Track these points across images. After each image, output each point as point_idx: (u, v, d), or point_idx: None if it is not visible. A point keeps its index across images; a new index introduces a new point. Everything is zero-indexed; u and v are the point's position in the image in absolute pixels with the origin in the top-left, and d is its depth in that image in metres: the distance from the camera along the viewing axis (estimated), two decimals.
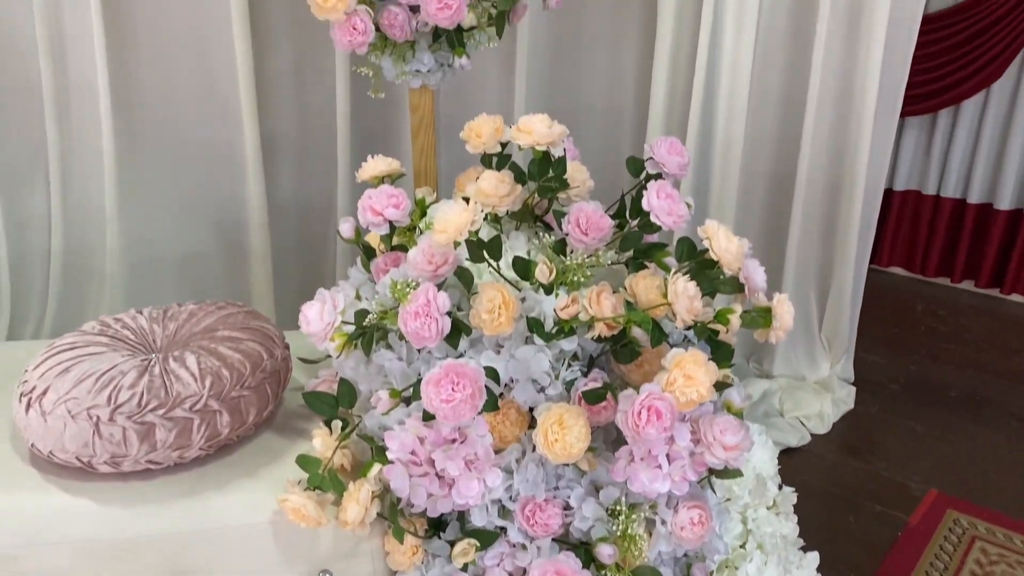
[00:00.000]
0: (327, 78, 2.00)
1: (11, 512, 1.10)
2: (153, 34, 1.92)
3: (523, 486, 1.07)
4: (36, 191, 2.02)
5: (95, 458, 1.10)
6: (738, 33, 1.98)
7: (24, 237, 2.03)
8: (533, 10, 1.53)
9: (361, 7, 1.40)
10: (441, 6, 1.35)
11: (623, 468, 1.02)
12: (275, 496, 1.10)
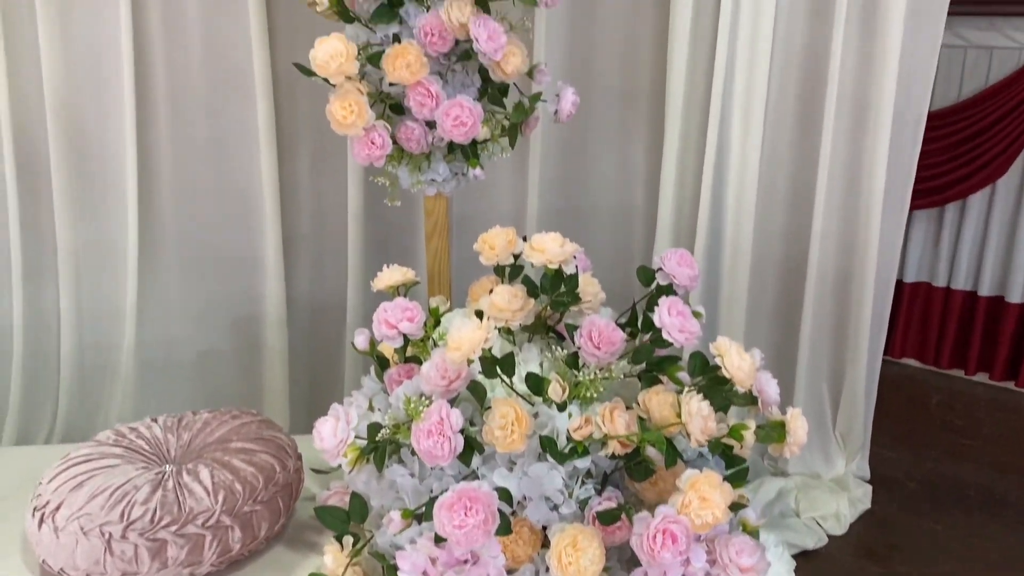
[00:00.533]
0: (343, 180, 2.05)
1: None
2: (181, 140, 1.99)
3: None
4: (51, 289, 2.05)
5: (106, 575, 1.10)
6: (745, 132, 2.02)
7: (40, 334, 2.05)
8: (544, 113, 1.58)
9: (379, 122, 1.44)
10: (456, 123, 1.40)
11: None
12: None
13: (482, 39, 1.38)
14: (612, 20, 2.04)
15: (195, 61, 1.95)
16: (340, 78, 1.38)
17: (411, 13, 1.44)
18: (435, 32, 1.41)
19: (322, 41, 1.37)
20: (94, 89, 1.93)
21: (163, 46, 1.93)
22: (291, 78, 1.97)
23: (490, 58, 1.41)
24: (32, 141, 1.95)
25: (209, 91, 1.98)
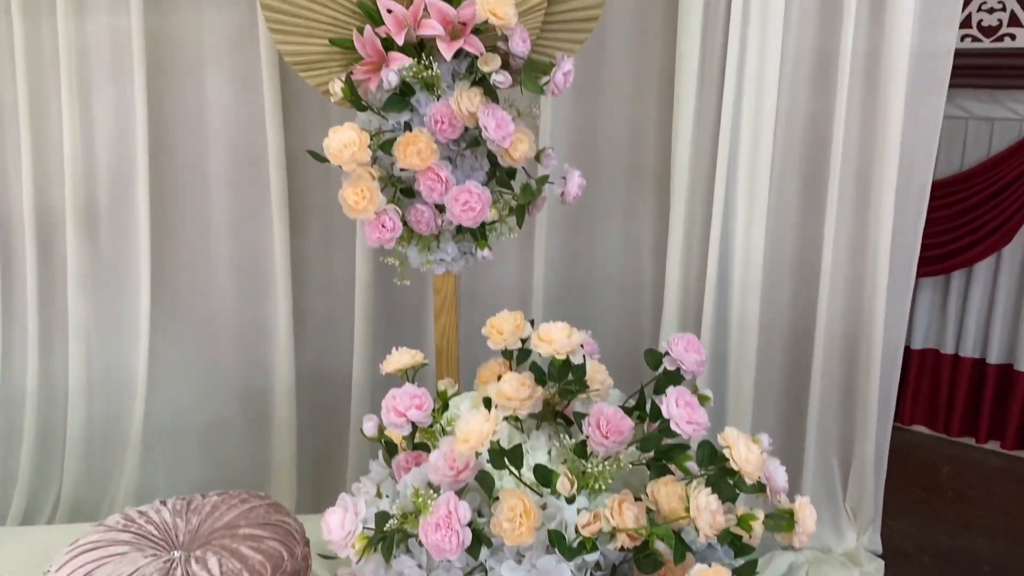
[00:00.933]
0: (351, 253, 2.07)
1: None
2: (195, 215, 2.03)
3: None
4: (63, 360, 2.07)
5: None
6: (750, 206, 2.05)
7: (52, 406, 2.07)
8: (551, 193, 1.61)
9: (390, 206, 1.47)
10: (465, 208, 1.42)
11: None
12: None
13: (491, 128, 1.42)
14: (617, 100, 2.08)
15: (211, 139, 2.00)
16: (353, 166, 1.41)
17: (422, 101, 1.48)
18: (445, 120, 1.45)
19: (336, 131, 1.41)
20: (112, 166, 1.97)
21: (182, 125, 1.98)
22: (303, 155, 2.00)
23: (499, 145, 1.44)
24: (51, 214, 1.99)
25: (224, 168, 2.02)
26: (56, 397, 2.07)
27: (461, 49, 1.43)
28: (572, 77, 1.48)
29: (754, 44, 1.94)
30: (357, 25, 1.48)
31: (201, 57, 1.96)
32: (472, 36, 1.44)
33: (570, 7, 1.54)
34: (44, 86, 1.94)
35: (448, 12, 1.43)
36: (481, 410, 1.11)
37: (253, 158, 2.00)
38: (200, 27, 1.93)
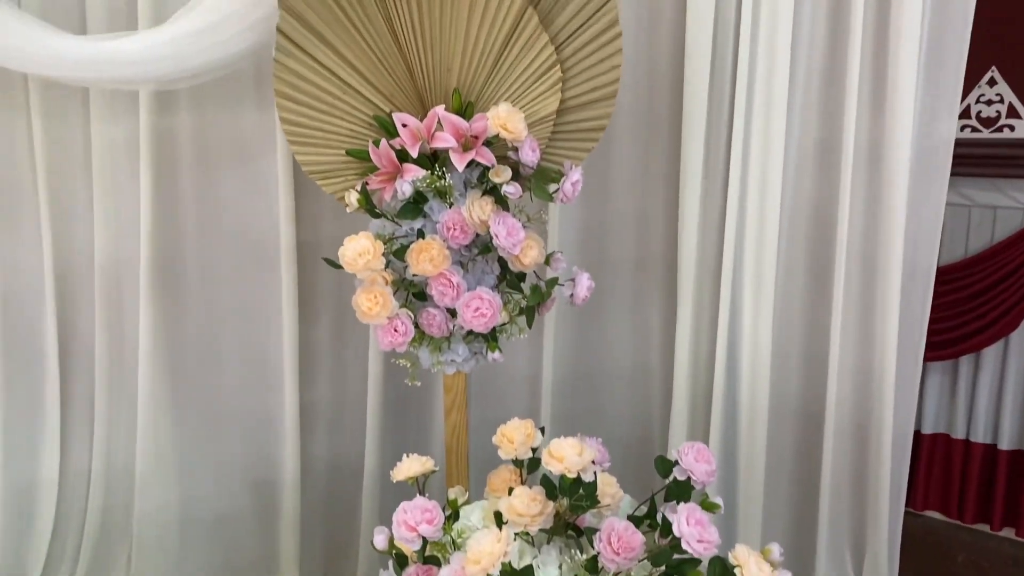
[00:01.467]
0: (363, 346, 2.10)
1: None
2: (207, 306, 2.06)
3: None
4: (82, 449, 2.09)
5: None
6: (757, 293, 2.07)
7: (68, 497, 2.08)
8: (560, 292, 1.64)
9: (402, 311, 1.50)
10: (477, 315, 1.45)
11: None
12: None
13: (502, 236, 1.45)
14: (623, 193, 2.12)
15: (225, 233, 2.03)
16: (367, 273, 1.44)
17: (434, 208, 1.52)
18: (457, 227, 1.48)
19: (351, 239, 1.44)
20: (132, 256, 2.00)
21: (195, 219, 2.02)
22: (315, 247, 2.05)
23: (509, 252, 1.47)
24: (74, 304, 2.03)
25: (236, 261, 2.05)
26: (70, 487, 2.08)
27: (472, 159, 1.48)
28: (580, 186, 1.52)
29: (758, 135, 1.99)
30: (373, 137, 1.53)
31: (219, 154, 2.01)
32: (483, 148, 1.48)
33: (578, 118, 1.59)
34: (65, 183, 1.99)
35: (460, 125, 1.48)
36: (492, 528, 1.12)
37: (264, 250, 2.04)
38: (218, 126, 1.99)
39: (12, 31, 1.49)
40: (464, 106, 1.53)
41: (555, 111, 1.55)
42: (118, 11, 1.86)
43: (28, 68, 1.53)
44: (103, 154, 1.95)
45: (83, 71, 1.55)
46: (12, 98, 1.90)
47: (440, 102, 1.54)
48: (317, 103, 1.50)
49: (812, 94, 2.03)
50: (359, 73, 1.50)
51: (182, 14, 1.56)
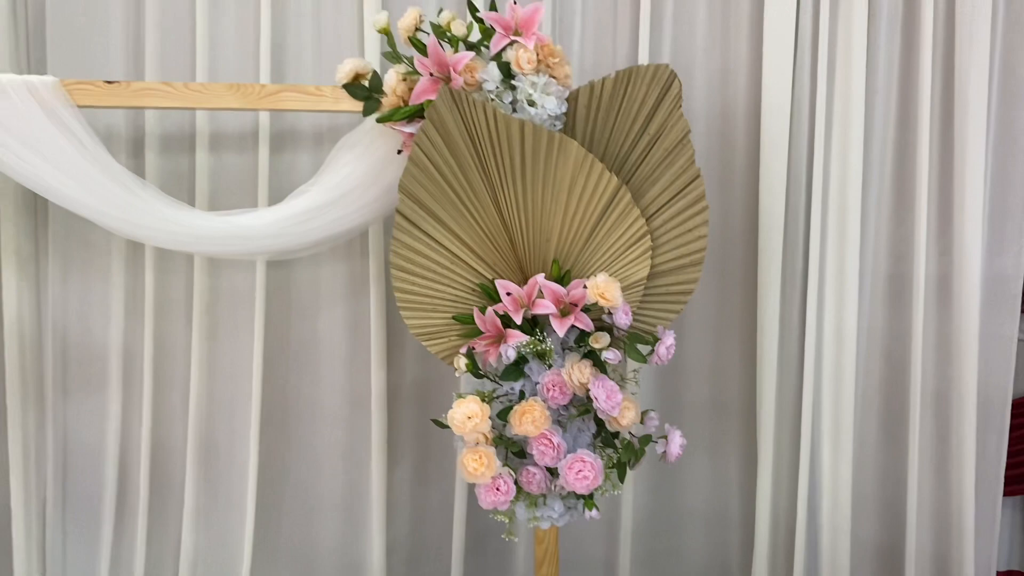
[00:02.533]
0: (449, 486, 2.15)
1: None
2: (300, 450, 2.13)
3: None
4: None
5: None
6: (835, 441, 2.11)
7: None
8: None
9: (504, 469, 1.57)
10: (579, 477, 1.52)
11: None
12: None
13: (601, 399, 1.53)
14: (699, 339, 2.19)
15: (323, 379, 2.13)
16: (474, 435, 1.53)
17: (534, 369, 1.61)
18: (556, 388, 1.57)
19: (460, 403, 1.53)
20: (228, 406, 2.10)
21: (295, 366, 2.12)
22: (404, 391, 2.14)
23: (608, 414, 1.55)
24: (169, 455, 2.11)
25: (330, 405, 2.14)
26: None
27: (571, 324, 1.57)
28: (674, 349, 1.61)
29: (832, 279, 2.08)
30: (475, 302, 1.64)
31: (317, 302, 2.12)
32: (582, 314, 1.58)
33: (667, 282, 1.69)
34: (171, 332, 2.11)
35: (559, 292, 1.58)
36: None
37: (356, 395, 2.13)
38: (317, 277, 2.11)
39: (151, 210, 1.64)
40: (562, 274, 1.63)
41: (645, 277, 1.65)
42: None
43: (165, 244, 1.68)
44: (210, 301, 2.07)
45: (213, 246, 1.69)
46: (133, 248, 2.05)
47: (539, 269, 1.65)
48: (427, 272, 1.62)
49: (882, 230, 2.12)
50: (466, 245, 1.62)
51: (303, 190, 1.71)
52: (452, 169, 1.56)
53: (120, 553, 2.12)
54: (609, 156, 1.63)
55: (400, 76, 1.60)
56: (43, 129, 1.59)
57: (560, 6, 2.06)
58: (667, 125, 1.62)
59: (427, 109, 1.53)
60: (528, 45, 1.56)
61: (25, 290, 2.02)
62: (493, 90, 1.56)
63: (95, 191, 1.61)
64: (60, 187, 1.62)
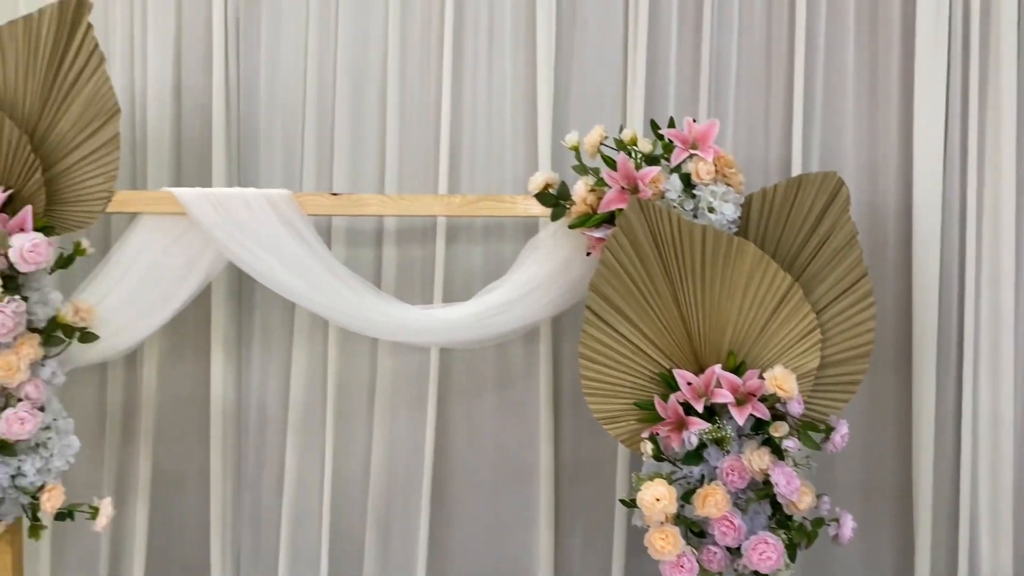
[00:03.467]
0: (609, 552, 2.26)
1: None
2: (468, 521, 2.28)
3: None
4: None
5: None
6: (995, 534, 2.14)
7: None
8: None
9: (688, 548, 1.68)
10: (763, 558, 1.62)
11: None
12: None
13: (781, 484, 1.64)
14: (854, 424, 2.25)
15: (487, 455, 2.29)
16: (662, 516, 1.65)
17: (712, 455, 1.72)
18: (736, 472, 1.68)
19: (648, 486, 1.66)
20: (403, 478, 2.28)
21: (464, 444, 2.29)
22: (571, 466, 2.27)
23: (788, 499, 1.65)
24: (348, 518, 2.30)
25: (497, 480, 2.29)
26: None
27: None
28: (848, 438, 1.71)
29: (987, 361, 2.14)
30: (655, 391, 1.77)
31: (484, 383, 2.29)
32: (759, 403, 1.70)
33: (836, 372, 1.79)
34: (351, 407, 2.31)
35: (736, 383, 1.71)
36: None
37: (524, 470, 2.27)
38: (484, 360, 2.29)
39: (366, 304, 1.86)
40: (737, 364, 1.76)
41: (816, 368, 1.76)
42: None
43: (376, 333, 1.89)
44: (390, 382, 2.27)
45: (416, 336, 1.91)
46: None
47: (713, 359, 1.78)
48: (611, 362, 1.78)
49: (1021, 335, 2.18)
50: (647, 337, 1.77)
51: (493, 287, 1.90)
52: (638, 269, 1.72)
53: None
54: (780, 255, 1.77)
55: (588, 187, 1.78)
56: (278, 234, 1.84)
57: (715, 103, 2.21)
58: (835, 228, 1.76)
59: (618, 217, 1.71)
60: (707, 158, 1.72)
61: (230, 371, 2.26)
62: (675, 199, 1.72)
63: (321, 288, 1.85)
64: (289, 283, 1.86)
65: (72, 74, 1.77)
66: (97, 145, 1.79)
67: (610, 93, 2.19)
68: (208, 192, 1.86)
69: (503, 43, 2.21)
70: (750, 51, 2.22)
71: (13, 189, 1.74)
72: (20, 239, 1.65)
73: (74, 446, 1.83)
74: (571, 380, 2.24)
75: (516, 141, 2.21)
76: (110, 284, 1.87)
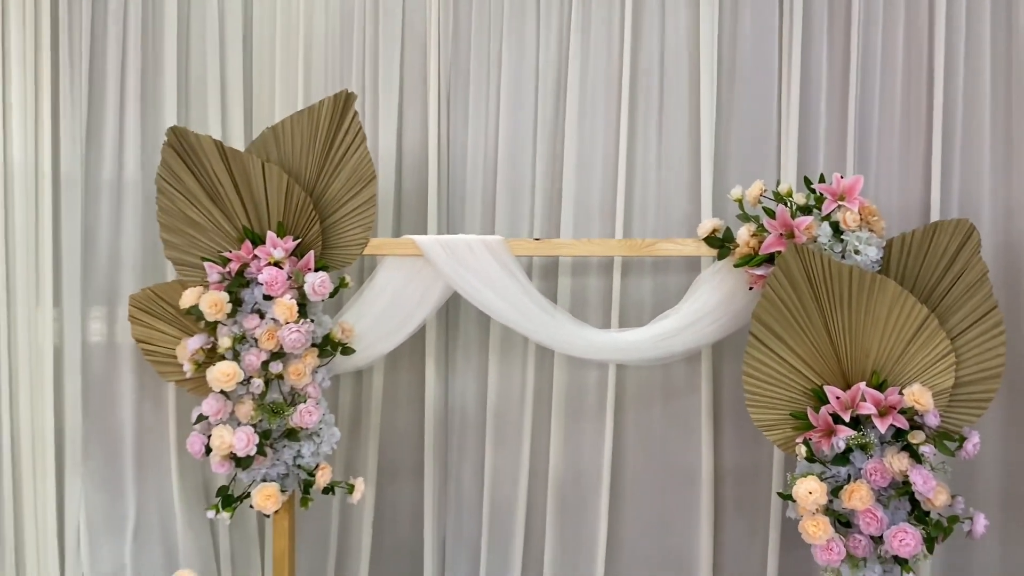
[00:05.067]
0: (764, 546, 2.58)
1: None
2: (640, 513, 2.67)
3: None
4: None
5: None
6: None
7: None
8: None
9: (836, 535, 2.01)
10: (902, 544, 1.92)
11: None
12: None
13: (919, 483, 1.94)
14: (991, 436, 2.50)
15: (655, 459, 2.66)
16: (813, 506, 1.99)
17: (856, 458, 2.04)
18: (878, 473, 2.00)
19: (801, 481, 2.00)
20: (583, 475, 2.69)
21: (637, 448, 2.67)
22: (731, 470, 2.62)
23: (924, 496, 1.96)
24: (533, 508, 2.72)
25: (664, 481, 2.65)
26: None
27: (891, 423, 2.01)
28: (979, 447, 1.99)
29: None
30: (807, 404, 2.11)
31: (656, 397, 2.67)
32: (898, 415, 2.01)
33: (969, 391, 2.08)
34: (541, 413, 2.73)
35: (878, 397, 2.03)
36: None
37: (687, 473, 2.64)
38: (656, 377, 2.67)
39: (561, 328, 2.31)
40: (880, 382, 2.08)
41: (951, 386, 2.05)
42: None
43: (569, 352, 2.34)
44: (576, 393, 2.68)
45: (602, 355, 2.34)
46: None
47: (858, 378, 2.10)
48: (769, 379, 2.13)
49: None
50: (800, 357, 2.12)
51: (666, 315, 2.30)
52: (794, 302, 2.08)
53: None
54: (918, 290, 2.08)
55: (751, 232, 2.15)
56: (494, 271, 2.31)
57: (860, 156, 2.51)
58: (968, 266, 2.06)
59: (777, 258, 2.07)
60: (852, 208, 2.06)
61: (439, 379, 2.74)
62: (826, 243, 2.07)
63: (527, 314, 2.30)
64: (502, 310, 2.32)
65: (341, 149, 2.31)
66: (359, 204, 2.32)
67: (765, 149, 2.54)
68: (440, 238, 2.36)
69: (671, 103, 2.59)
70: (891, 105, 2.49)
71: (301, 239, 2.29)
72: (312, 277, 2.18)
73: (336, 435, 2.35)
74: (728, 395, 2.59)
75: (680, 190, 2.59)
76: (363, 310, 2.39)
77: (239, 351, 2.21)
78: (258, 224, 2.31)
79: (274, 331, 2.18)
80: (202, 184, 2.30)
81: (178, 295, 2.32)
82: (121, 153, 2.63)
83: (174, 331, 2.38)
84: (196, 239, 2.33)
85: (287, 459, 2.27)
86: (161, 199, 2.33)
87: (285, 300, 2.16)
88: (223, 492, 2.29)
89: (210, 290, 2.23)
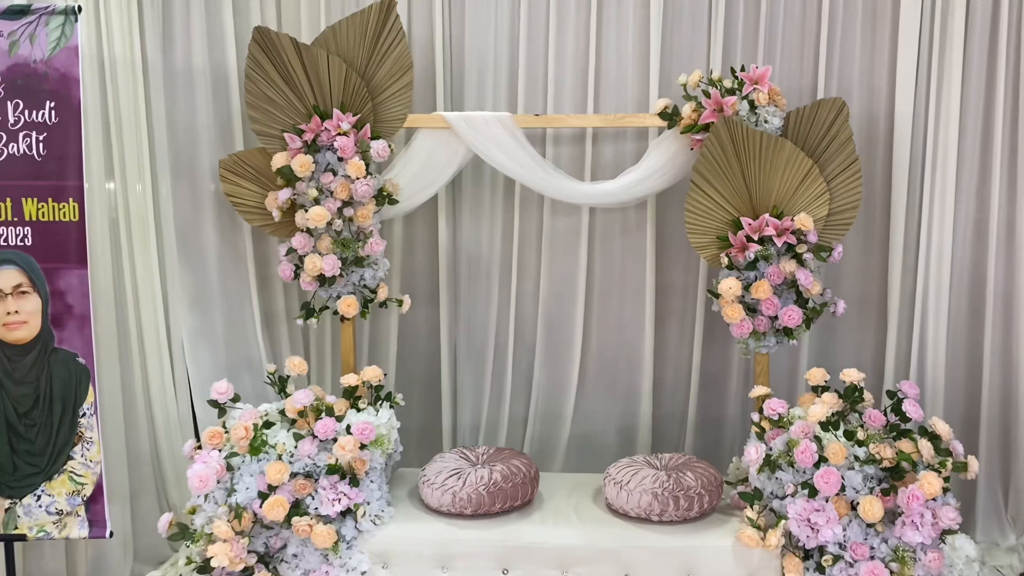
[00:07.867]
0: (688, 339, 3.57)
1: None
2: (604, 319, 3.60)
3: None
4: None
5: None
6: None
7: None
8: None
9: (747, 316, 2.97)
10: (789, 319, 2.90)
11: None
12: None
13: (802, 279, 2.91)
14: (850, 252, 3.50)
15: (615, 276, 3.57)
16: (731, 297, 2.94)
17: (762, 266, 2.98)
18: (775, 275, 2.95)
19: (724, 281, 2.94)
20: (565, 296, 3.58)
21: (600, 271, 3.57)
22: (665, 288, 3.55)
23: (805, 288, 2.93)
24: (525, 323, 3.62)
25: (621, 292, 3.57)
26: None
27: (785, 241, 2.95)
28: (841, 255, 2.97)
29: (936, 222, 3.35)
30: (728, 229, 3.03)
31: (613, 234, 3.54)
32: (791, 235, 2.95)
33: (839, 217, 3.02)
34: (528, 252, 3.59)
35: (777, 224, 2.96)
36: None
37: (637, 290, 3.55)
38: (612, 219, 3.54)
39: (555, 181, 3.13)
40: (779, 213, 3.00)
41: (826, 214, 3.00)
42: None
43: (560, 198, 3.17)
44: (553, 233, 3.53)
45: (587, 199, 3.18)
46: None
47: (764, 210, 3.01)
48: (703, 213, 3.03)
49: (973, 179, 3.33)
50: (724, 197, 3.01)
51: (630, 171, 3.15)
52: (722, 157, 2.96)
53: (497, 378, 3.64)
54: (807, 148, 2.98)
55: (692, 108, 3.00)
56: (504, 139, 3.08)
57: (768, 49, 3.35)
58: (840, 131, 2.96)
59: (711, 127, 2.93)
60: (763, 90, 2.93)
61: (449, 228, 3.52)
62: (745, 116, 2.94)
63: (531, 171, 3.11)
64: (512, 168, 3.11)
65: (386, 44, 3.01)
66: (400, 87, 3.04)
67: (697, 42, 3.34)
68: (463, 114, 3.10)
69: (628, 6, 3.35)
70: (792, 8, 3.34)
71: (358, 114, 3.01)
72: (375, 143, 2.93)
73: (387, 264, 3.15)
74: (667, 231, 3.46)
75: (635, 76, 3.39)
76: (403, 169, 3.15)
77: (319, 200, 2.95)
78: (323, 103, 3.01)
79: (347, 184, 2.93)
80: (279, 72, 2.97)
81: (257, 159, 3.03)
82: (190, 45, 3.24)
83: (256, 187, 3.09)
84: (274, 115, 3.02)
85: (355, 280, 3.06)
86: (248, 83, 2.99)
87: (356, 160, 2.90)
88: (306, 306, 3.08)
89: (291, 154, 2.94)
